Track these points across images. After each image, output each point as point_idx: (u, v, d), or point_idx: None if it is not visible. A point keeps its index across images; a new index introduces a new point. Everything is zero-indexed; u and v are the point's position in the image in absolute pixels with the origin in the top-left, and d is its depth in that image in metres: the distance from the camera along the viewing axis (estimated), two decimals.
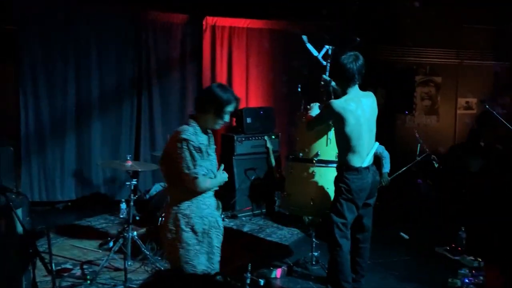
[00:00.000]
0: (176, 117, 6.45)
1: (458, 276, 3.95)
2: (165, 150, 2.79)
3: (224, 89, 2.79)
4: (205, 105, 2.73)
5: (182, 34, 6.37)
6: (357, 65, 3.34)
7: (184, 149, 2.63)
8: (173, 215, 2.70)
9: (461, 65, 7.78)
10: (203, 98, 2.79)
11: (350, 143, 3.35)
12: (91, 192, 6.17)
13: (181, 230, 2.67)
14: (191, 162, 2.63)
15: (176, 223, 2.68)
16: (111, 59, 6.08)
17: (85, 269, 4.05)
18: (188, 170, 2.63)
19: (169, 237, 2.71)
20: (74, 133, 6.02)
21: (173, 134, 2.74)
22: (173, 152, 2.66)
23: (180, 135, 2.65)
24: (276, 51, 6.76)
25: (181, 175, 2.64)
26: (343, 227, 3.39)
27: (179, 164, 2.62)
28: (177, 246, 2.68)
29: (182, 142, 2.63)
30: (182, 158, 2.62)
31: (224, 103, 2.72)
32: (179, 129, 2.73)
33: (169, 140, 2.82)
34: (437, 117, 7.93)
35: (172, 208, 2.71)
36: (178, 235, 2.68)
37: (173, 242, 2.69)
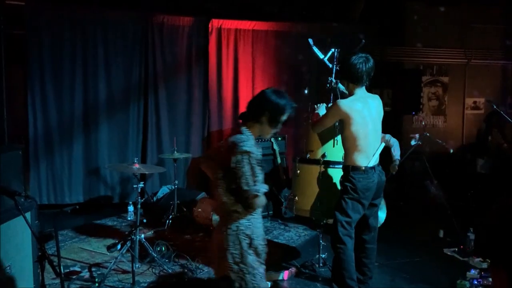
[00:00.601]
0: (182, 120, 6.48)
1: (467, 278, 3.92)
2: (219, 161, 2.49)
3: (280, 95, 2.55)
4: (260, 112, 2.49)
5: (188, 36, 6.39)
6: (366, 66, 3.34)
7: (245, 163, 2.38)
8: (233, 237, 2.44)
9: (468, 65, 7.73)
10: (257, 105, 2.53)
11: (356, 142, 3.35)
12: (98, 195, 6.20)
13: (245, 253, 2.44)
14: (251, 178, 2.39)
15: (238, 245, 2.44)
16: (118, 62, 6.12)
17: (93, 272, 4.07)
18: (247, 187, 2.39)
19: (231, 261, 2.44)
20: (81, 136, 6.06)
21: (229, 144, 2.45)
22: (229, 164, 2.40)
23: (241, 146, 2.39)
24: (282, 52, 6.75)
25: (239, 190, 2.40)
26: (347, 226, 3.40)
27: (238, 179, 2.39)
28: (243, 271, 2.44)
29: (243, 155, 2.38)
30: (242, 173, 2.38)
31: (280, 111, 2.50)
32: (235, 139, 2.45)
33: (223, 150, 2.51)
34: (445, 117, 7.88)
35: (230, 227, 2.45)
36: (243, 259, 2.44)
37: (237, 267, 2.44)
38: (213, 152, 2.73)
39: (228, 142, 2.47)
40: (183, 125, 6.48)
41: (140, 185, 4.06)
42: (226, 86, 6.64)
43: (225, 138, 2.62)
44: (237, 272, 2.43)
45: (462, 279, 3.90)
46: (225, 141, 2.54)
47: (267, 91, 2.57)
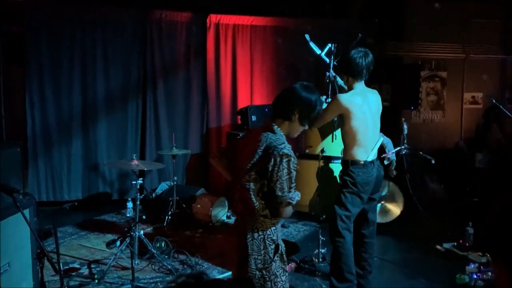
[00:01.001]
0: (181, 116, 6.47)
1: (466, 272, 3.93)
2: (255, 163, 2.28)
3: (311, 90, 2.37)
4: (291, 109, 2.31)
5: (186, 32, 6.37)
6: (366, 61, 3.34)
7: (284, 168, 2.20)
8: (258, 241, 2.30)
9: (467, 59, 7.73)
10: (287, 102, 2.34)
11: (356, 137, 3.35)
12: (97, 191, 6.20)
13: (269, 260, 2.31)
14: (287, 183, 2.22)
15: (264, 251, 2.31)
16: (117, 59, 6.10)
17: (92, 268, 4.07)
18: (282, 193, 2.22)
19: (253, 267, 2.30)
20: (80, 133, 6.05)
21: (264, 143, 2.26)
22: (265, 167, 2.22)
23: (281, 148, 2.21)
24: (280, 48, 6.74)
25: (272, 195, 2.24)
26: (347, 220, 3.40)
27: (273, 183, 2.22)
28: (264, 278, 2.31)
29: (283, 158, 2.20)
30: (278, 177, 2.20)
31: (312, 107, 2.33)
32: (273, 139, 2.25)
33: (254, 148, 2.29)
34: (443, 112, 7.88)
35: (257, 232, 2.30)
36: (266, 266, 2.31)
37: (259, 273, 2.31)
38: (230, 149, 2.51)
39: (261, 141, 2.27)
40: (181, 121, 6.47)
41: (139, 182, 4.06)
42: (224, 82, 6.63)
43: (249, 135, 2.43)
44: (258, 278, 2.31)
45: (461, 274, 3.90)
46: (254, 139, 2.31)
47: (297, 86, 2.38)
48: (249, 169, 2.27)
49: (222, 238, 4.93)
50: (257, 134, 2.34)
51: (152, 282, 3.81)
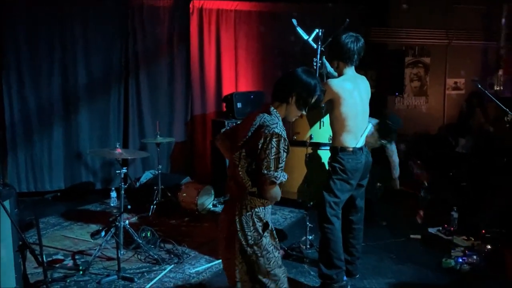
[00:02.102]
0: (165, 103, 6.36)
1: (451, 256, 3.98)
2: (243, 139, 2.33)
3: (311, 74, 2.39)
4: (288, 92, 2.34)
5: (169, 18, 6.23)
6: (357, 46, 3.30)
7: (273, 146, 2.22)
8: (247, 217, 2.32)
9: (450, 45, 7.77)
10: (286, 84, 2.36)
11: (345, 123, 3.32)
12: (80, 181, 6.08)
13: (258, 236, 2.33)
14: (274, 162, 2.22)
15: (253, 227, 2.33)
16: (98, 45, 5.94)
17: (77, 260, 3.99)
18: (267, 171, 2.23)
19: (244, 243, 2.32)
20: (61, 122, 5.90)
21: (258, 123, 2.30)
22: (255, 145, 2.25)
23: (272, 128, 2.24)
24: (265, 33, 6.66)
25: (258, 173, 2.26)
26: (335, 206, 3.39)
27: (260, 161, 2.23)
28: (256, 254, 2.33)
29: (273, 137, 2.22)
30: (266, 155, 2.22)
31: (310, 92, 2.35)
32: (266, 119, 2.29)
33: (248, 127, 2.33)
34: (426, 98, 7.95)
35: (245, 208, 2.33)
36: (256, 241, 2.32)
37: (250, 249, 2.33)
38: (233, 131, 2.52)
39: (256, 121, 2.31)
40: (165, 108, 6.36)
41: (123, 171, 3.96)
42: (208, 69, 6.53)
43: (248, 117, 2.42)
44: (250, 255, 2.33)
45: (447, 258, 3.95)
46: (250, 120, 2.35)
47: (298, 70, 2.39)
48: (240, 146, 2.32)
49: (208, 226, 4.89)
50: (255, 116, 2.37)
51: (139, 272, 3.75)
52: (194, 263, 3.96)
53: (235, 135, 2.47)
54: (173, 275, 3.75)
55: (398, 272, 3.84)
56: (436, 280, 3.71)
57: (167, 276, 3.72)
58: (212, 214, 5.25)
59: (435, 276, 3.78)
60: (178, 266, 3.88)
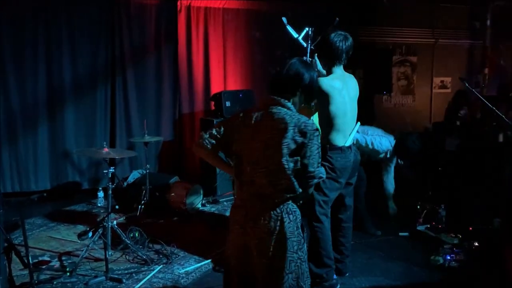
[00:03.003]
0: (152, 102, 6.30)
1: (440, 254, 4.01)
2: (277, 141, 2.15)
3: (311, 67, 2.31)
4: (297, 87, 2.24)
5: (156, 15, 6.17)
6: (345, 44, 3.30)
7: (315, 143, 2.15)
8: (294, 223, 2.19)
9: (436, 44, 7.84)
10: (294, 78, 2.24)
11: (335, 121, 3.33)
12: (67, 181, 5.99)
13: (302, 240, 2.22)
14: (317, 158, 2.17)
15: (297, 231, 2.21)
16: (84, 44, 5.85)
17: (64, 261, 3.93)
18: (313, 168, 2.14)
19: (292, 250, 2.17)
20: (46, 121, 5.80)
21: (294, 123, 2.14)
22: (296, 143, 2.13)
23: (311, 124, 2.16)
24: (254, 32, 6.64)
25: (304, 171, 2.15)
26: (324, 205, 3.40)
27: (306, 159, 2.14)
28: (300, 259, 2.21)
29: (315, 133, 2.15)
30: (310, 152, 2.14)
31: (314, 85, 2.29)
32: (294, 115, 2.16)
33: (282, 126, 2.16)
34: (413, 96, 8.02)
35: (292, 213, 2.20)
36: (302, 246, 2.21)
37: (296, 255, 2.19)
38: (228, 134, 2.30)
39: (285, 119, 2.14)
40: (153, 107, 6.30)
41: (110, 170, 3.92)
42: (196, 67, 6.49)
43: (251, 115, 2.24)
44: (296, 261, 2.19)
45: (435, 255, 3.98)
46: (268, 118, 2.19)
47: (296, 62, 2.29)
48: (280, 148, 2.13)
49: (197, 226, 4.86)
50: (267, 113, 2.20)
51: (127, 273, 3.71)
52: (183, 263, 3.93)
53: (238, 139, 2.27)
54: (162, 275, 3.71)
55: (387, 270, 3.86)
56: (425, 278, 3.74)
57: (156, 276, 3.69)
58: (201, 214, 5.22)
59: (424, 273, 3.80)
60: (167, 267, 3.85)
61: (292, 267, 2.18)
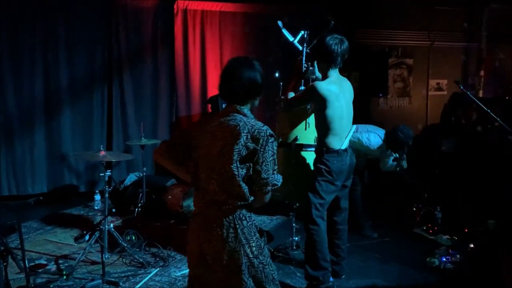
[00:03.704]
0: (149, 105, 6.31)
1: (435, 255, 4.03)
2: (229, 148, 2.13)
3: (252, 65, 2.24)
4: (259, 90, 2.23)
5: (153, 18, 6.18)
6: (341, 48, 3.32)
7: (269, 149, 2.12)
8: (248, 228, 2.17)
9: (432, 47, 7.88)
10: (256, 81, 2.20)
11: (332, 125, 3.35)
12: (63, 184, 5.99)
13: (261, 244, 2.20)
14: (271, 165, 2.15)
15: (255, 236, 2.19)
16: (81, 46, 5.86)
17: (60, 264, 3.92)
18: (267, 175, 2.12)
19: (251, 256, 2.16)
20: (43, 124, 5.81)
21: (247, 130, 2.12)
22: (248, 149, 2.12)
23: (266, 129, 2.13)
24: (250, 35, 6.65)
25: (257, 178, 2.14)
26: (321, 208, 3.42)
27: (259, 165, 2.12)
28: (263, 263, 2.19)
29: (269, 139, 2.12)
30: (264, 159, 2.11)
31: (262, 82, 2.24)
32: (250, 122, 2.15)
33: (235, 133, 2.13)
34: (409, 99, 8.04)
35: (245, 219, 2.17)
36: (261, 251, 2.20)
37: (257, 260, 2.18)
38: (185, 142, 2.28)
39: (240, 126, 2.12)
40: (150, 110, 6.31)
41: (107, 174, 3.93)
42: (193, 70, 6.50)
43: (208, 122, 2.23)
44: (257, 266, 2.18)
45: (431, 257, 4.00)
46: (223, 125, 2.16)
47: (256, 63, 2.24)
48: (232, 154, 2.12)
49: None
50: (224, 120, 2.19)
51: (124, 276, 3.71)
52: (180, 266, 3.93)
53: (194, 146, 2.24)
54: (159, 278, 3.72)
55: (383, 272, 3.88)
56: (421, 279, 3.76)
57: (153, 279, 3.69)
58: None
59: (420, 275, 3.83)
60: (164, 269, 3.86)
61: (252, 272, 2.17)
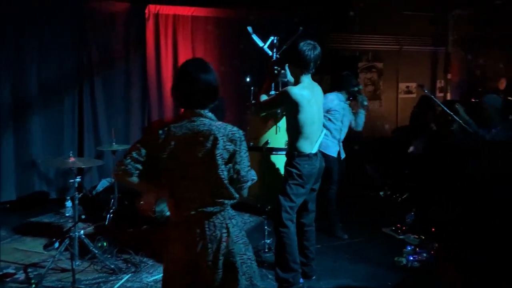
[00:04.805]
0: (121, 110, 6.26)
1: (403, 254, 4.14)
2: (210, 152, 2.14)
3: (206, 67, 2.29)
4: (216, 95, 2.26)
5: (124, 23, 6.15)
6: (314, 54, 3.36)
7: (244, 147, 2.21)
8: (238, 227, 2.24)
9: (401, 51, 8.08)
10: (215, 86, 2.25)
11: (303, 129, 3.40)
12: (33, 191, 5.88)
13: (247, 240, 2.27)
14: (247, 162, 2.23)
15: (241, 233, 2.25)
16: (51, 51, 5.77)
17: (29, 273, 3.86)
18: (245, 172, 2.21)
19: (241, 252, 2.22)
20: (11, 130, 5.69)
21: (224, 133, 2.17)
22: (226, 151, 2.16)
23: (237, 130, 2.21)
24: (222, 39, 6.69)
25: (237, 176, 2.20)
26: (290, 210, 3.48)
27: (238, 164, 2.19)
28: (250, 259, 2.26)
29: (242, 138, 2.21)
30: (241, 157, 2.20)
31: (217, 82, 2.27)
32: (218, 124, 2.19)
33: (210, 138, 2.15)
34: (380, 102, 8.22)
35: (234, 218, 2.24)
36: (249, 247, 2.27)
37: (246, 256, 2.24)
38: (152, 154, 2.19)
39: (212, 130, 2.14)
40: (121, 115, 6.26)
41: (77, 180, 3.88)
42: (165, 74, 6.48)
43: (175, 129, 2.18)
44: (246, 262, 2.24)
45: (399, 256, 4.11)
46: (192, 131, 2.16)
47: (211, 66, 2.29)
48: (215, 160, 2.14)
49: None
50: (191, 126, 2.18)
51: (95, 283, 3.68)
52: (152, 272, 3.92)
53: (165, 156, 2.16)
54: (131, 284, 3.70)
55: (353, 272, 3.95)
56: (390, 279, 3.85)
57: (124, 285, 3.68)
58: None
59: (388, 274, 3.91)
60: (136, 275, 3.84)
61: (244, 268, 2.22)
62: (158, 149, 2.18)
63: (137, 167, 2.16)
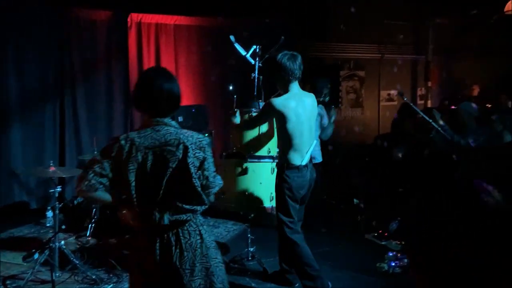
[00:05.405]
0: (103, 119, 6.21)
1: (385, 260, 4.18)
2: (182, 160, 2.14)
3: (170, 75, 2.33)
4: (179, 103, 2.29)
5: (106, 32, 6.13)
6: (295, 62, 3.37)
7: (210, 153, 2.26)
8: (209, 232, 2.30)
9: (382, 59, 8.20)
10: (178, 94, 2.27)
11: (292, 141, 3.40)
12: (13, 201, 5.77)
13: (215, 244, 2.33)
14: (213, 167, 2.28)
15: (212, 237, 2.32)
16: (32, 57, 5.71)
17: (8, 285, 3.78)
18: (213, 179, 2.25)
19: (219, 257, 2.30)
20: None
21: (191, 141, 2.18)
22: (198, 160, 2.19)
23: (203, 137, 2.25)
24: (205, 48, 6.71)
25: (206, 182, 2.23)
26: (292, 225, 3.49)
27: (206, 171, 2.22)
28: (222, 263, 2.32)
29: (208, 144, 2.26)
30: (209, 164, 2.23)
31: (179, 91, 2.31)
32: (184, 132, 2.20)
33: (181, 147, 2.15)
34: (362, 109, 8.31)
35: (203, 225, 2.28)
36: (218, 249, 2.33)
37: (219, 259, 2.31)
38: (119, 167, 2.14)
39: (180, 138, 2.15)
40: (103, 124, 6.21)
41: (57, 189, 3.84)
42: None
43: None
44: (219, 266, 2.29)
45: (381, 262, 4.14)
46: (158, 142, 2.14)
47: (173, 75, 2.34)
48: (188, 168, 2.14)
49: None
50: (157, 135, 2.16)
51: None
52: None
53: (133, 168, 2.12)
54: None
55: (336, 279, 3.96)
56: (372, 285, 3.89)
57: None
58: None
59: (370, 280, 3.95)
60: (118, 285, 3.80)
61: (218, 272, 2.26)
62: (124, 161, 2.12)
63: (101, 181, 2.11)
